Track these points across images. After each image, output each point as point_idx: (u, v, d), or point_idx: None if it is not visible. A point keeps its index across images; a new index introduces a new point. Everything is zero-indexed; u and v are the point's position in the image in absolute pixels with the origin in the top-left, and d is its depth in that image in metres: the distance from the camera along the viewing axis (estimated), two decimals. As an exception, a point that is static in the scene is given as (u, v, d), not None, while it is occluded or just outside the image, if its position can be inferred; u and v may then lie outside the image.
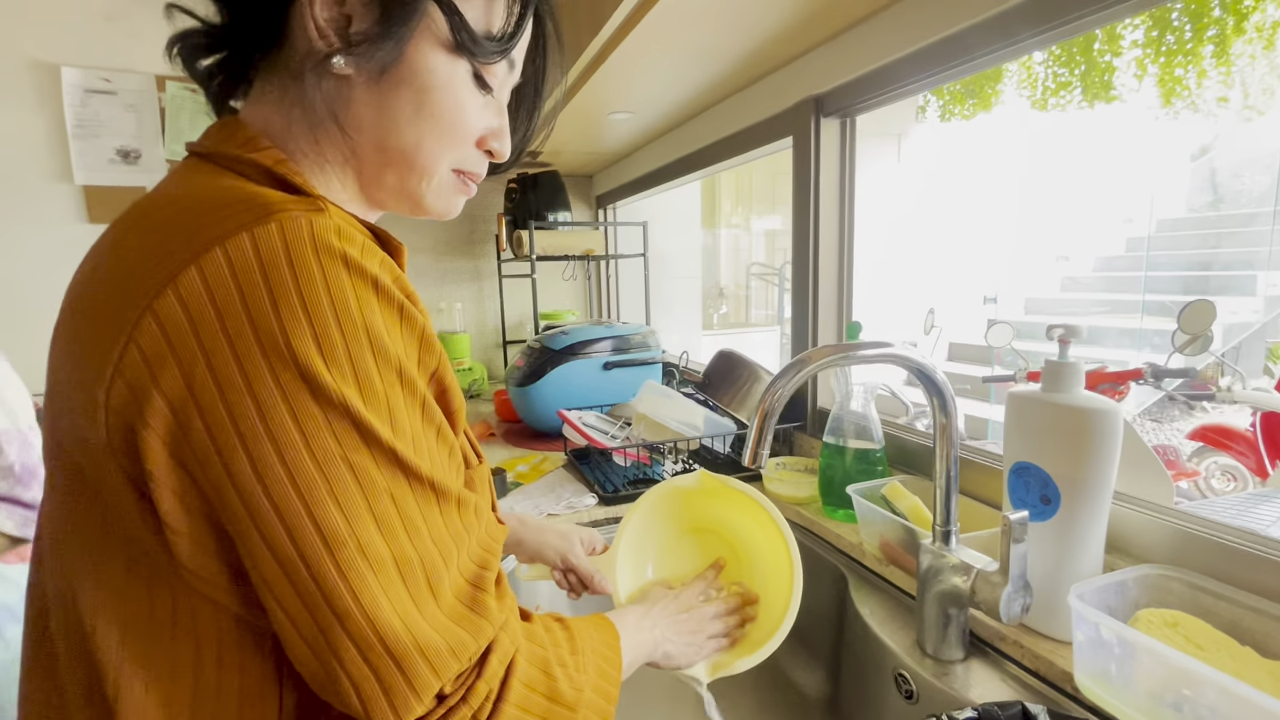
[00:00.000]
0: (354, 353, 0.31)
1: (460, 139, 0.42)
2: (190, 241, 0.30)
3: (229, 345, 0.29)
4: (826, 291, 1.08)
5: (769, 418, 0.58)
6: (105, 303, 0.32)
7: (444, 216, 0.46)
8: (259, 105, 0.41)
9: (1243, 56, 3.13)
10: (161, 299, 0.29)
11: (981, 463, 0.81)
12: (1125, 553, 0.66)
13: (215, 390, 0.29)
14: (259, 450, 0.30)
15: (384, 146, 0.40)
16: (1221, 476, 3.09)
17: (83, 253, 0.38)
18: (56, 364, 0.35)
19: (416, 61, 0.39)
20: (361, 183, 0.43)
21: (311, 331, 0.30)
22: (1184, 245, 6.01)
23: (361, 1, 0.37)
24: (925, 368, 0.61)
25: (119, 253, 0.34)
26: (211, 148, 0.38)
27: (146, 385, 0.30)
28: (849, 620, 0.80)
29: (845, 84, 0.97)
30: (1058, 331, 0.62)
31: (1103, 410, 0.57)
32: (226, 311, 0.29)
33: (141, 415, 0.30)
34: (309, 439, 0.30)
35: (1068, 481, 0.59)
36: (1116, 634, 0.50)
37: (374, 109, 0.39)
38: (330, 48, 0.37)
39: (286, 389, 0.30)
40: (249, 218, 0.31)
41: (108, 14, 1.57)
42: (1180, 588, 0.57)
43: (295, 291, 0.30)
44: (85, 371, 0.32)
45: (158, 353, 0.29)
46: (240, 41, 0.41)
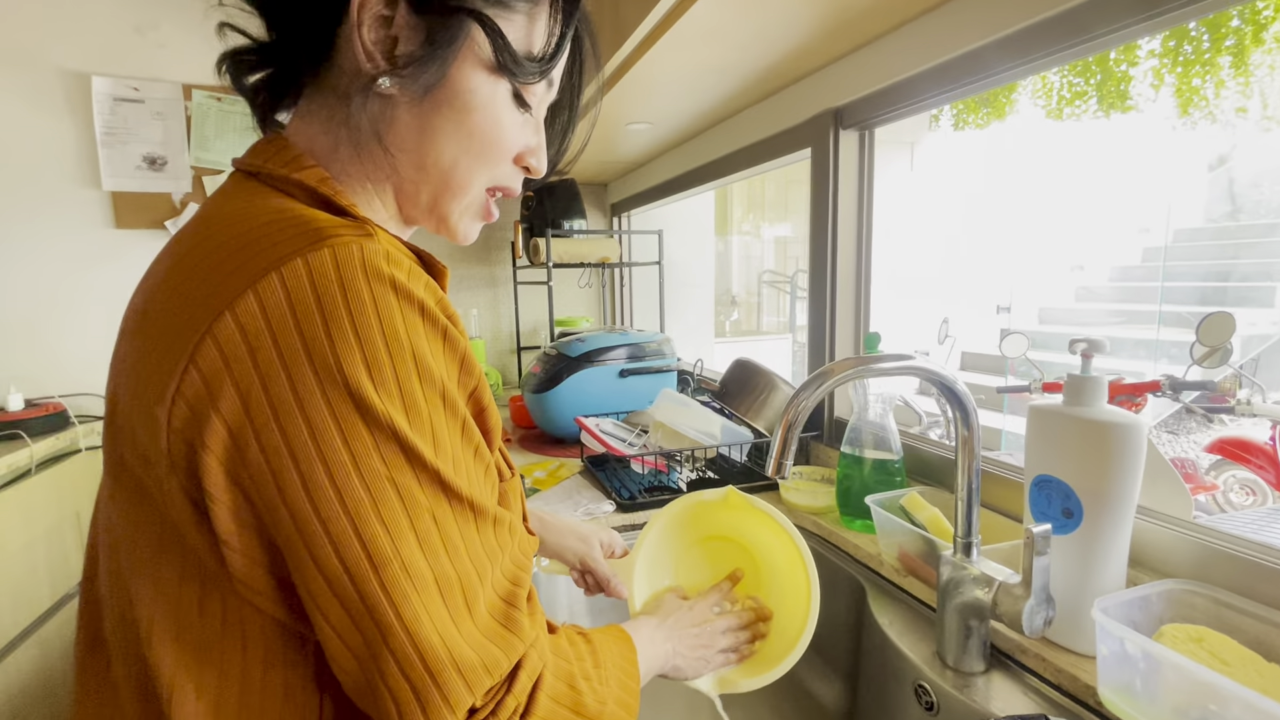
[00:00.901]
0: (401, 376, 0.32)
1: (498, 157, 0.43)
2: (247, 267, 0.32)
3: (284, 369, 0.30)
4: (844, 302, 1.08)
5: (792, 429, 0.59)
6: (167, 324, 0.33)
7: (462, 241, 0.47)
8: (304, 123, 0.42)
9: (1261, 67, 3.10)
10: (220, 323, 0.31)
11: (1001, 475, 0.81)
12: (1147, 567, 0.66)
13: (270, 412, 0.30)
14: (310, 471, 0.31)
15: (423, 165, 0.41)
16: (1240, 490, 3.05)
17: (110, 256, 0.40)
18: (118, 380, 0.37)
19: (459, 82, 0.40)
20: (399, 200, 0.44)
21: (362, 356, 0.31)
22: (1202, 256, 5.94)
23: (408, 24, 0.38)
24: (948, 381, 0.62)
25: (179, 273, 0.35)
26: (259, 166, 0.39)
27: (205, 407, 0.31)
28: (867, 630, 0.80)
29: (864, 97, 0.98)
30: (1081, 345, 0.62)
31: (1126, 424, 0.57)
32: (281, 336, 0.30)
33: (201, 436, 0.31)
34: (358, 460, 0.31)
35: (1091, 495, 0.59)
36: (1142, 648, 0.50)
37: (416, 128, 0.40)
38: (377, 69, 0.38)
39: (337, 411, 0.31)
40: (303, 243, 0.32)
41: (137, 25, 1.61)
42: (1205, 603, 0.57)
43: (347, 316, 0.31)
44: (147, 390, 0.33)
45: (216, 375, 0.31)
46: (287, 60, 0.42)
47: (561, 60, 0.44)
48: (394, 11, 0.37)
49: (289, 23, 0.41)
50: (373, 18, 0.37)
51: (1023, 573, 0.57)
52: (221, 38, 0.43)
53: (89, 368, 1.59)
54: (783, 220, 5.87)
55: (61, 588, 1.32)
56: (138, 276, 0.40)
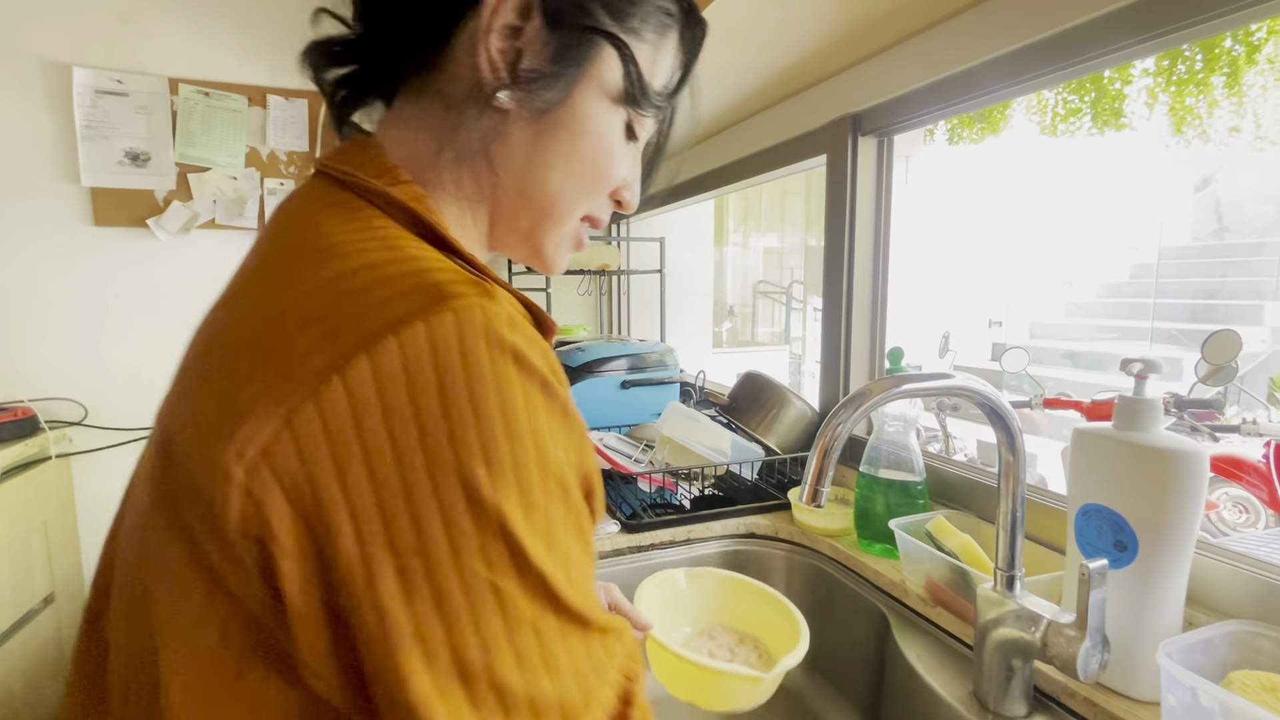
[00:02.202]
0: (519, 463, 0.28)
1: (602, 187, 0.41)
2: (360, 323, 0.27)
3: (391, 447, 0.27)
4: (860, 315, 1.04)
5: (829, 454, 0.54)
6: (255, 362, 0.29)
7: (551, 272, 0.45)
8: (400, 129, 0.38)
9: (1254, 87, 3.13)
10: (328, 388, 0.27)
11: (1038, 501, 0.77)
12: (1202, 604, 0.62)
13: (370, 496, 0.27)
14: (406, 566, 0.26)
15: (527, 188, 0.39)
16: (1233, 508, 3.05)
17: (87, 255, 0.35)
18: (179, 410, 0.31)
19: (580, 106, 0.38)
20: (492, 221, 0.41)
21: (479, 438, 0.27)
22: (1190, 273, 6.02)
23: (539, 38, 0.35)
24: (994, 402, 0.57)
25: (270, 299, 0.30)
26: (350, 174, 0.35)
27: (297, 478, 0.27)
28: (891, 664, 0.76)
29: (885, 102, 0.95)
30: (1136, 365, 0.58)
31: (1189, 452, 0.53)
32: (393, 409, 0.27)
33: (283, 507, 0.27)
34: (459, 558, 0.27)
35: (1147, 527, 0.55)
36: (1219, 701, 0.45)
37: (528, 148, 0.38)
38: (499, 81, 0.35)
39: (445, 501, 0.27)
40: (424, 302, 0.28)
41: (122, 15, 1.55)
42: (1272, 647, 0.53)
43: (466, 392, 0.27)
44: (219, 433, 0.28)
45: (314, 445, 0.27)
46: (388, 57, 0.39)
47: (680, 96, 0.43)
48: (525, 23, 0.35)
49: (403, 18, 0.37)
50: (502, 26, 0.35)
51: (1077, 611, 0.53)
52: (315, 25, 0.40)
53: (62, 371, 1.51)
54: (777, 230, 5.87)
55: (25, 604, 1.25)
56: (117, 275, 0.35)
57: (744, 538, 0.98)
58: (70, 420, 1.49)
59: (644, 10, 0.38)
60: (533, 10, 0.35)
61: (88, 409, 1.51)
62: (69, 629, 1.42)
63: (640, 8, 0.38)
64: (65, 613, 1.40)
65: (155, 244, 1.58)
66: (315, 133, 1.66)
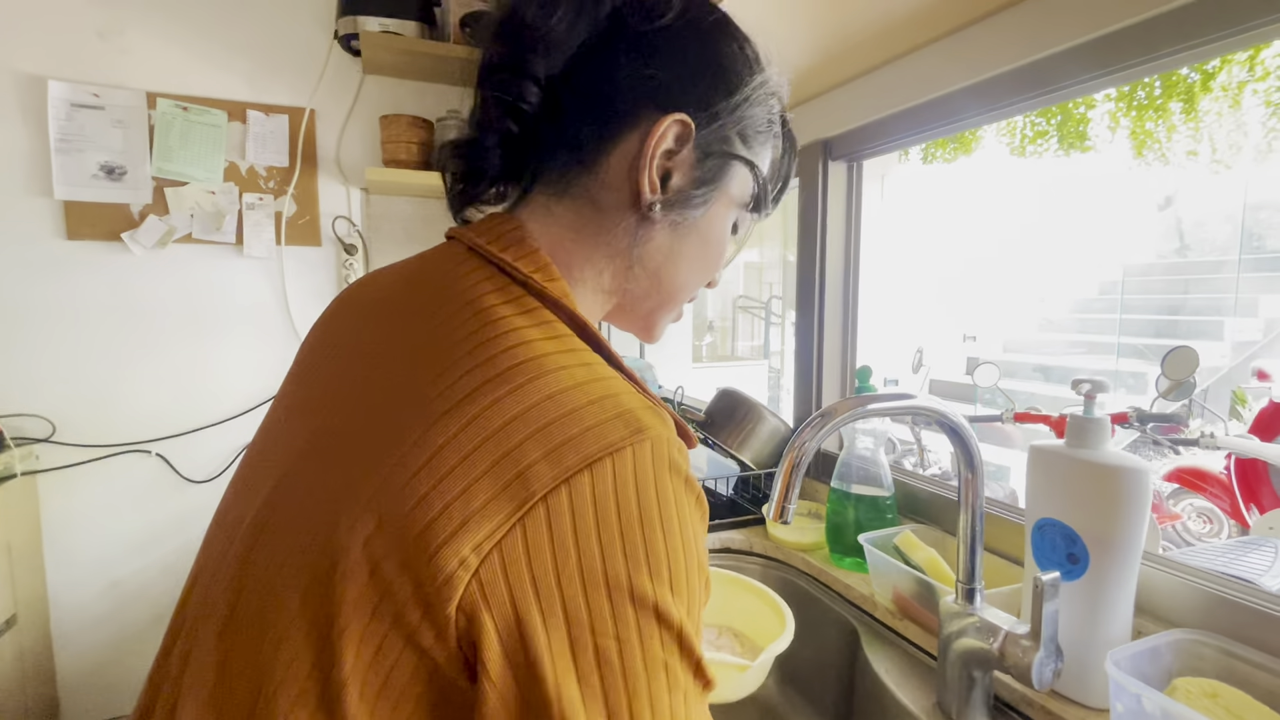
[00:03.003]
0: (690, 575, 0.33)
1: (710, 276, 0.48)
2: (581, 446, 0.31)
3: (601, 551, 0.31)
4: (831, 334, 1.07)
5: (795, 471, 0.56)
6: (485, 467, 0.31)
7: (653, 341, 0.51)
8: (548, 223, 0.42)
9: (1210, 113, 3.27)
10: (556, 495, 0.30)
11: (998, 515, 0.80)
12: (1150, 614, 0.64)
13: (583, 587, 0.30)
14: (606, 646, 0.30)
15: (659, 282, 0.45)
16: (1197, 518, 3.14)
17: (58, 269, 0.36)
18: (350, 476, 0.33)
19: (712, 215, 0.44)
20: (617, 307, 0.46)
21: (666, 554, 0.32)
22: (1154, 290, 6.21)
23: (689, 161, 0.41)
24: (952, 421, 0.60)
25: (493, 411, 0.32)
26: (510, 264, 0.38)
27: (522, 571, 0.30)
28: (861, 676, 0.77)
29: (855, 129, 0.98)
30: (1084, 386, 0.61)
31: (1134, 469, 0.56)
32: (605, 520, 0.31)
33: (506, 590, 0.30)
34: (645, 642, 0.31)
35: (1097, 541, 0.58)
36: (1161, 708, 0.48)
37: (665, 251, 0.43)
38: (655, 197, 0.40)
39: (639, 610, 0.31)
40: (627, 432, 0.32)
41: (100, 30, 1.54)
42: (1213, 654, 0.55)
43: (658, 513, 0.32)
44: (453, 526, 0.30)
45: (540, 542, 0.30)
46: (544, 159, 0.42)
47: (780, 202, 0.50)
48: (680, 149, 0.40)
49: (575, 129, 0.41)
50: (661, 153, 0.40)
51: (1031, 622, 0.55)
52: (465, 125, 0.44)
53: (31, 387, 1.48)
54: (755, 246, 5.94)
55: (-14, 627, 1.21)
56: (88, 289, 0.36)
57: (719, 552, 1.00)
58: (37, 436, 1.46)
59: (765, 138, 0.45)
60: (689, 140, 0.40)
61: (55, 425, 1.48)
62: (31, 653, 1.38)
63: (765, 134, 0.45)
64: (28, 636, 1.36)
65: (129, 258, 1.56)
66: (296, 148, 1.66)
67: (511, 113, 0.41)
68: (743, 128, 0.42)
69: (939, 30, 0.80)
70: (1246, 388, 3.84)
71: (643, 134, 0.40)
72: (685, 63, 0.41)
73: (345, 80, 1.68)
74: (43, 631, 1.44)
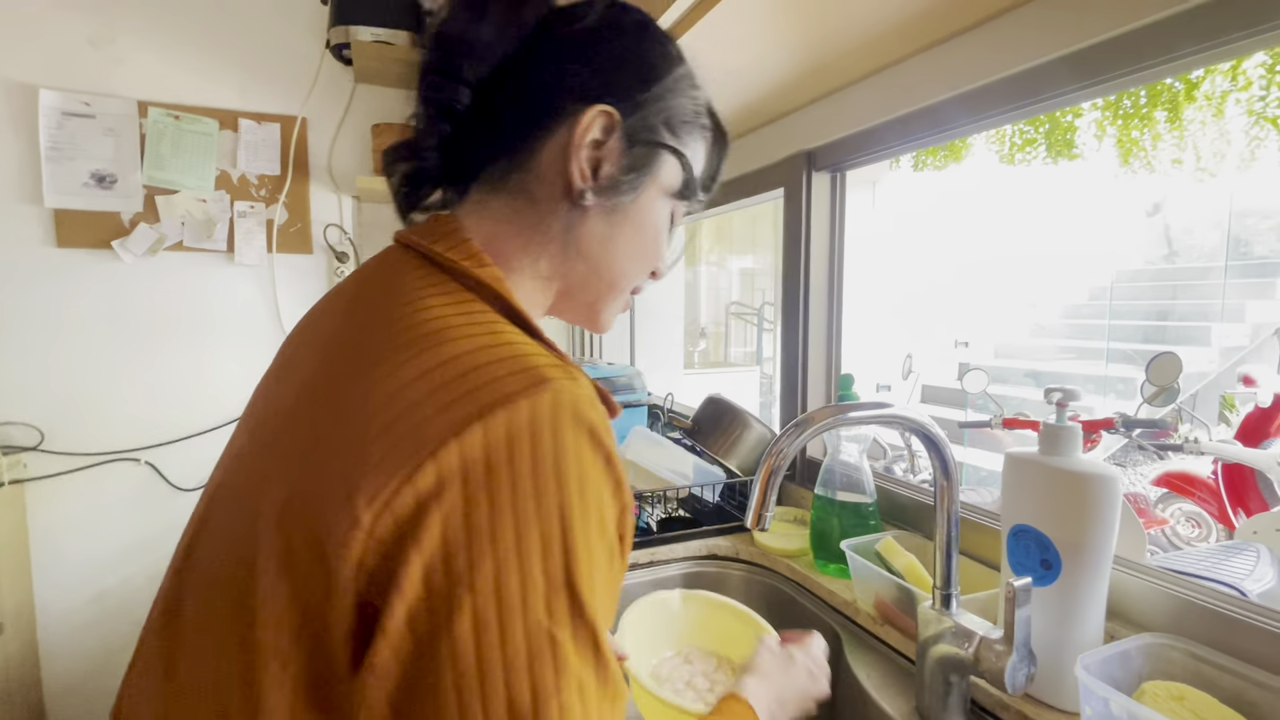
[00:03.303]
0: (588, 527, 0.33)
1: (651, 266, 0.50)
2: (475, 398, 0.32)
3: (489, 502, 0.31)
4: (816, 342, 1.08)
5: (772, 479, 0.57)
6: (378, 429, 0.32)
7: (601, 331, 0.52)
8: (483, 218, 0.44)
9: (1194, 122, 3.31)
10: (445, 449, 0.31)
11: (978, 521, 0.81)
12: (1121, 618, 0.66)
13: (466, 539, 0.31)
14: (484, 606, 0.30)
15: (598, 270, 0.46)
16: (1186, 523, 3.16)
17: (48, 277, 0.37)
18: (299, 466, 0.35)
19: (644, 203, 0.46)
20: (560, 294, 0.47)
21: (559, 499, 0.32)
22: (1143, 296, 6.27)
23: (617, 150, 0.43)
24: (927, 429, 0.61)
25: (389, 376, 0.34)
26: (441, 256, 0.40)
27: (413, 523, 0.31)
28: (843, 682, 0.78)
29: (837, 141, 1.00)
30: (1055, 395, 0.62)
31: (1103, 475, 0.58)
32: (496, 470, 0.31)
33: (400, 544, 0.31)
34: (527, 606, 0.31)
35: (1069, 546, 0.59)
36: (1127, 711, 0.49)
37: (601, 237, 0.45)
38: (586, 184, 0.43)
39: (524, 551, 0.31)
40: (526, 383, 0.33)
41: (92, 39, 1.55)
42: (1182, 658, 0.57)
43: (553, 461, 0.32)
44: (348, 489, 0.32)
45: (429, 496, 0.31)
46: (478, 157, 0.45)
47: (714, 191, 0.52)
48: (608, 139, 0.43)
49: (504, 128, 0.43)
50: (589, 143, 0.42)
51: (1004, 627, 0.56)
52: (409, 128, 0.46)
53: (20, 395, 1.48)
54: (749, 253, 5.97)
55: (-28, 637, 1.21)
56: (79, 297, 0.37)
57: (705, 559, 1.00)
58: (26, 445, 1.46)
59: (691, 127, 0.47)
60: (615, 130, 0.43)
61: (44, 433, 1.48)
62: (18, 662, 1.37)
63: (690, 124, 0.47)
64: (15, 645, 1.36)
65: (120, 266, 1.57)
66: (287, 156, 1.67)
67: (446, 114, 0.43)
68: (668, 117, 0.45)
69: (919, 44, 0.82)
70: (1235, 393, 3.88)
71: (570, 126, 0.42)
72: (607, 59, 0.43)
73: (337, 89, 1.69)
74: (30, 640, 1.44)
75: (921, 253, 5.71)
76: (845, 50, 0.85)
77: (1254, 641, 0.56)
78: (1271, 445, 2.73)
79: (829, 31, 0.80)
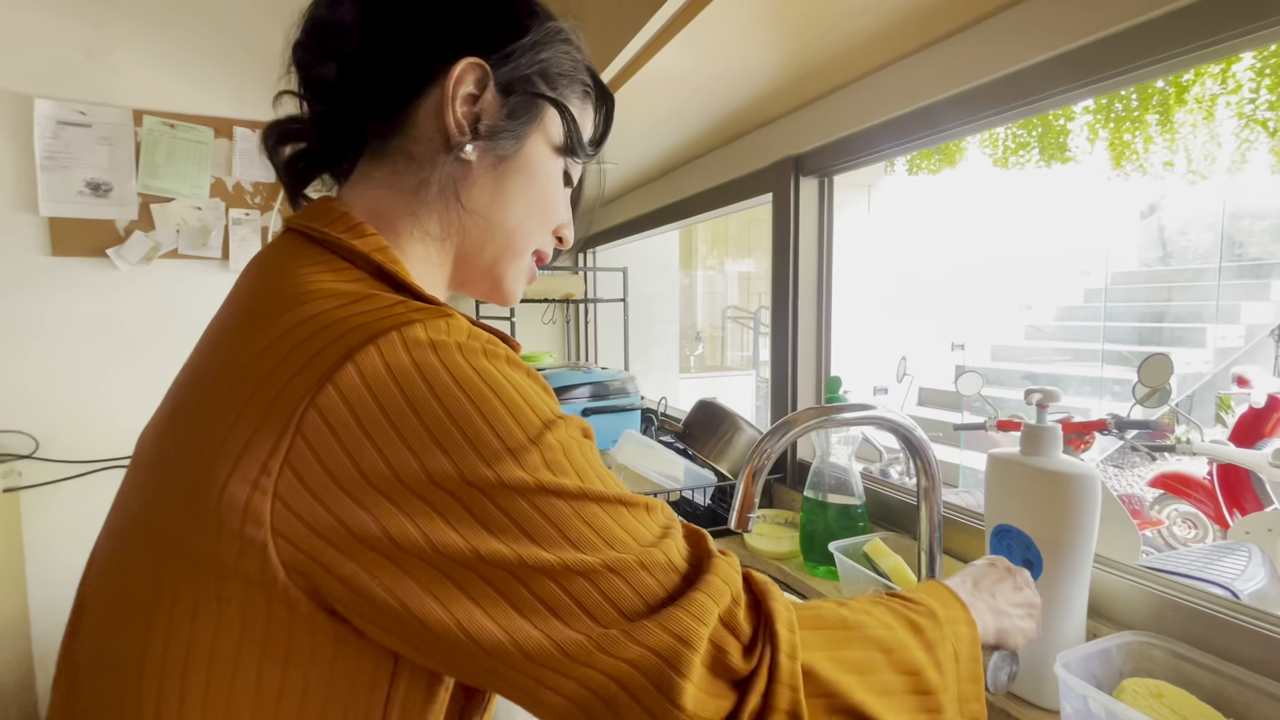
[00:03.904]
0: (521, 426, 0.33)
1: (549, 224, 0.49)
2: (346, 339, 0.32)
3: (396, 432, 0.31)
4: (805, 345, 1.09)
5: (756, 480, 0.57)
6: (244, 394, 0.32)
7: (509, 302, 0.51)
8: (366, 188, 0.44)
9: (1185, 125, 3.33)
10: (323, 394, 0.31)
11: (963, 521, 0.81)
12: (1105, 617, 0.66)
13: (357, 475, 0.31)
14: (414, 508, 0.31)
15: (491, 224, 0.46)
16: (1183, 524, 3.16)
17: (43, 285, 0.38)
18: (178, 439, 0.35)
19: (530, 154, 0.46)
20: (458, 257, 0.47)
21: (455, 421, 0.32)
22: (1138, 298, 6.29)
23: (493, 103, 0.43)
24: (908, 430, 0.62)
25: (249, 341, 0.34)
26: (318, 230, 0.40)
27: (292, 487, 0.31)
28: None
29: (824, 145, 1.01)
30: (1036, 395, 0.63)
31: (1081, 475, 0.58)
32: (388, 401, 0.31)
33: (283, 509, 0.31)
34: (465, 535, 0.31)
35: (1049, 545, 0.59)
36: (1105, 708, 0.49)
37: (490, 189, 0.45)
38: (464, 136, 0.43)
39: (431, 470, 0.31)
40: (396, 322, 0.33)
41: (87, 48, 1.56)
42: (1162, 655, 0.57)
43: (449, 379, 0.32)
44: (220, 460, 0.31)
45: (325, 443, 0.30)
46: (359, 129, 0.44)
47: (601, 150, 0.52)
48: (483, 93, 0.43)
49: (372, 92, 0.43)
50: (464, 95, 0.42)
51: (986, 627, 0.56)
52: (277, 107, 0.46)
53: (14, 403, 1.48)
54: (746, 257, 5.99)
55: (-35, 645, 1.21)
56: (74, 305, 0.38)
57: (696, 562, 1.01)
58: (20, 453, 1.46)
59: (571, 82, 0.48)
60: (488, 81, 0.43)
61: (39, 441, 1.48)
62: (11, 670, 1.37)
63: (568, 79, 0.47)
64: (9, 653, 1.36)
65: (115, 274, 1.57)
66: (281, 164, 1.68)
67: (318, 91, 0.45)
68: (543, 68, 0.45)
69: (907, 47, 0.83)
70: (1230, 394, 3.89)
71: (443, 84, 0.42)
72: (472, 14, 0.44)
73: (331, 97, 1.70)
74: (24, 649, 1.44)
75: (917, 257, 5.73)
76: (832, 55, 0.86)
77: (1235, 640, 0.56)
78: (1266, 446, 2.74)
79: (815, 36, 0.81)
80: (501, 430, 0.32)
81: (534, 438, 0.33)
